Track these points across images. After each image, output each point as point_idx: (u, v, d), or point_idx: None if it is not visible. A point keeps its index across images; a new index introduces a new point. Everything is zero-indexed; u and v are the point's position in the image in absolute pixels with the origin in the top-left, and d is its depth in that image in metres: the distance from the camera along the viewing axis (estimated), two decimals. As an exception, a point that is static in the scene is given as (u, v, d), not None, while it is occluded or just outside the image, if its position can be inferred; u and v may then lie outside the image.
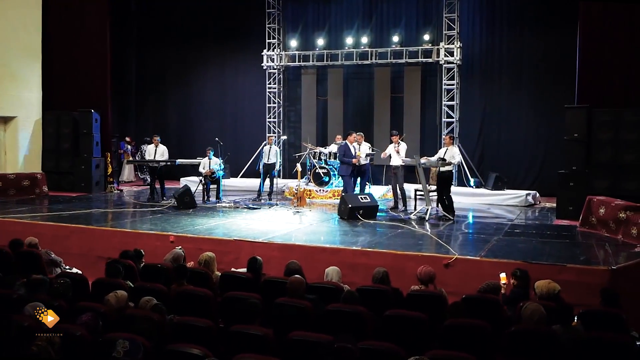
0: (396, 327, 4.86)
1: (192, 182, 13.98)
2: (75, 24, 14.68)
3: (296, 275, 5.43)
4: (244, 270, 6.46)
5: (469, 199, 12.94)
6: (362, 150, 12.06)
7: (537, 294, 5.37)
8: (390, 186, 12.94)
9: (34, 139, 14.57)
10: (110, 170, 14.75)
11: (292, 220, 10.52)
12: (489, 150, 14.93)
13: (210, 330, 4.55)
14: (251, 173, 16.06)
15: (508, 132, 14.73)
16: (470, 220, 11.06)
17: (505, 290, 6.04)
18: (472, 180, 13.87)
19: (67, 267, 7.64)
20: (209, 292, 5.54)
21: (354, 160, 11.34)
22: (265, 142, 14.02)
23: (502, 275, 6.18)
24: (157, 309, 4.84)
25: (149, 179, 17.30)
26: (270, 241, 8.32)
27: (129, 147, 17.42)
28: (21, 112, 14.28)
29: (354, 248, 7.89)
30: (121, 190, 14.86)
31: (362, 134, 12.43)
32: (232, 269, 6.66)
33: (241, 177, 15.93)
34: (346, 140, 11.64)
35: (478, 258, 7.31)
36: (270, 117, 16.78)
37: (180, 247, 7.43)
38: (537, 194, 13.08)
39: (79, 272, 7.15)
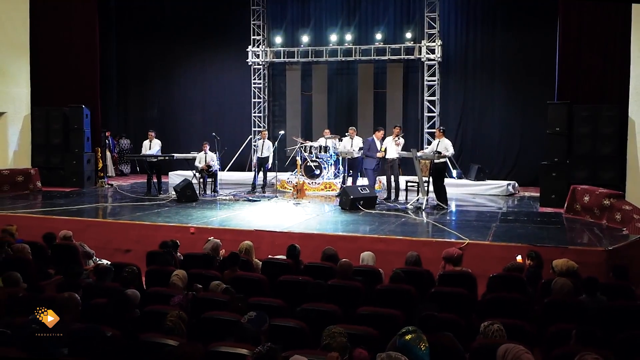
0: (441, 301, 5.46)
1: (182, 176, 14.17)
2: (64, 19, 14.66)
3: (345, 259, 5.97)
4: (282, 257, 6.97)
5: (453, 190, 13.56)
6: (355, 144, 12.69)
7: (555, 272, 6.06)
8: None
9: (23, 135, 14.53)
10: (101, 165, 14.89)
11: (296, 211, 10.98)
12: (468, 143, 15.74)
13: (282, 308, 5.05)
14: (237, 167, 16.45)
15: (485, 125, 15.58)
16: (463, 209, 11.76)
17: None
18: (454, 172, 14.63)
19: (99, 259, 7.97)
20: (262, 276, 6.04)
21: (378, 154, 11.86)
22: (259, 136, 14.41)
23: (519, 257, 6.87)
24: (228, 291, 5.32)
25: (128, 172, 17.76)
26: (289, 230, 8.80)
27: (107, 141, 17.45)
28: (10, 108, 14.22)
29: (371, 235, 8.46)
30: (111, 185, 14.99)
31: (354, 128, 13.09)
32: (269, 256, 7.13)
33: (227, 170, 16.24)
34: (374, 136, 12.14)
35: (488, 242, 7.99)
36: (255, 112, 17.17)
37: (212, 237, 7.82)
38: (517, 184, 13.93)
39: (109, 263, 7.49)
